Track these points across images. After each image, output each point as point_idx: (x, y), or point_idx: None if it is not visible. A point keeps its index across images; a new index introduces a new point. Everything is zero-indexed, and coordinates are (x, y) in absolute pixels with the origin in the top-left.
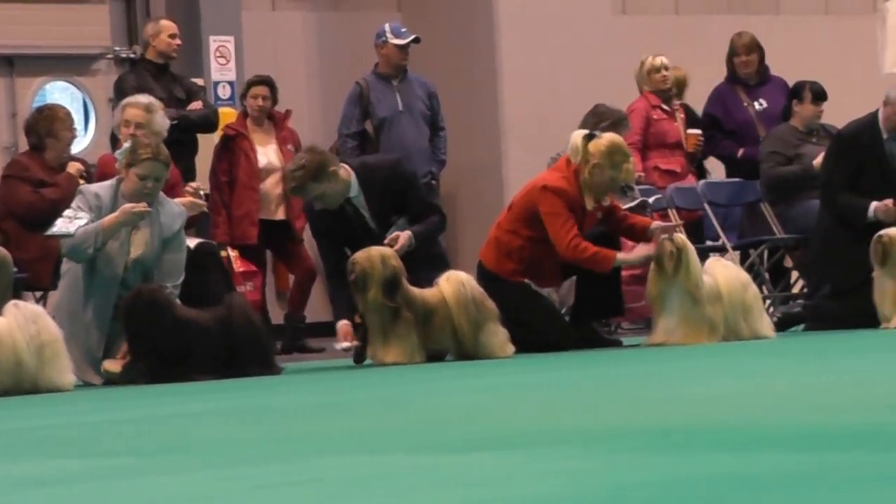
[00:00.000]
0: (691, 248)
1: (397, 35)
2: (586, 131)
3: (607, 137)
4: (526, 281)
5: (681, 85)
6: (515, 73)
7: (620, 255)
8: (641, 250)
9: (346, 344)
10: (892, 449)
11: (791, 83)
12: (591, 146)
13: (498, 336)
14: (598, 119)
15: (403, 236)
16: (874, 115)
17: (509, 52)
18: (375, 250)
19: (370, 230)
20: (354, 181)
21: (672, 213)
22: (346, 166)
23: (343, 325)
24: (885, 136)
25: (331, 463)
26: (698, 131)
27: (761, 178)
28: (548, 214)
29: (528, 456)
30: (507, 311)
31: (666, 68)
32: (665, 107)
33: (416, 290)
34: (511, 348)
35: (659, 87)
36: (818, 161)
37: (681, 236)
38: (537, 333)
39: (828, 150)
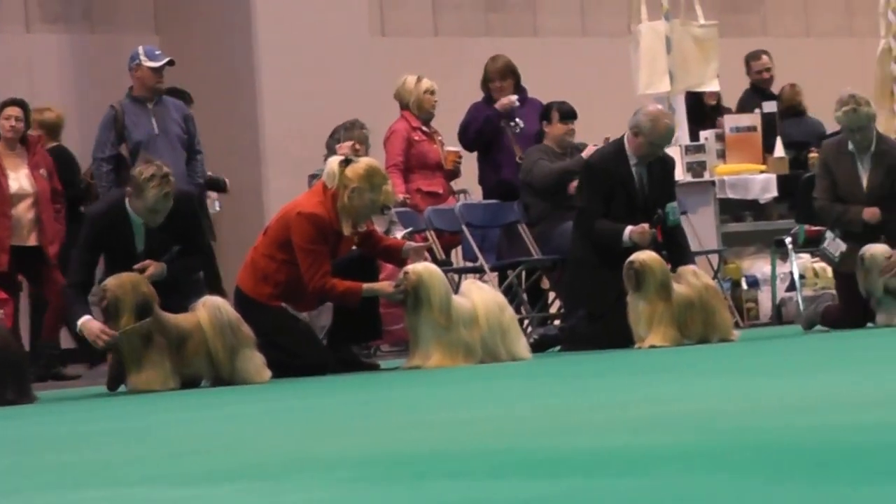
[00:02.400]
0: (430, 280)
1: (151, 58)
2: (342, 157)
3: (364, 161)
4: (283, 304)
5: (54, 127)
6: (275, 94)
7: (366, 287)
8: (385, 285)
9: (106, 336)
10: (639, 474)
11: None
12: (349, 171)
13: (254, 361)
14: (335, 133)
15: (156, 265)
16: (621, 141)
17: (268, 73)
18: (126, 276)
19: (154, 253)
20: None
21: (431, 234)
22: None
23: (87, 321)
24: (632, 161)
25: (70, 497)
26: (457, 149)
27: (529, 180)
28: (300, 248)
29: (272, 486)
30: (265, 335)
31: (435, 91)
32: (425, 128)
33: (169, 316)
34: (267, 373)
35: (429, 109)
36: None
37: (418, 270)
38: (295, 357)
39: (580, 180)
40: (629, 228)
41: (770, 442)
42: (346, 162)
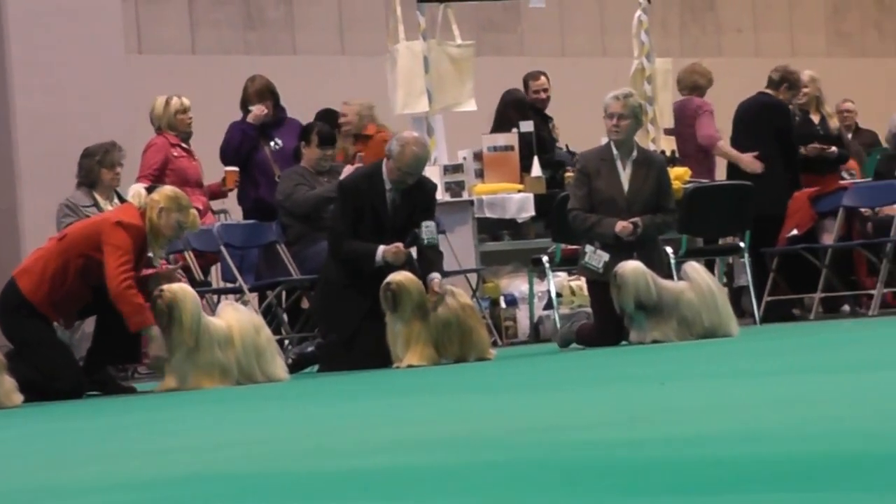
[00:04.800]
0: (184, 298)
1: None
2: (146, 184)
3: (169, 187)
4: (55, 322)
5: None
6: (29, 113)
7: (153, 332)
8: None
9: None
10: (386, 496)
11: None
12: (155, 194)
13: (3, 386)
14: (93, 153)
15: None
16: (379, 164)
17: (22, 92)
18: None
19: None
20: None
21: (189, 255)
22: None
23: None
24: (388, 186)
25: None
26: (236, 168)
27: (288, 204)
28: (110, 245)
29: None
30: (24, 344)
31: (187, 109)
32: (184, 146)
33: None
34: (19, 398)
35: (184, 128)
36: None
37: (173, 288)
38: (50, 379)
39: (335, 200)
40: (382, 248)
41: (520, 459)
42: (150, 188)
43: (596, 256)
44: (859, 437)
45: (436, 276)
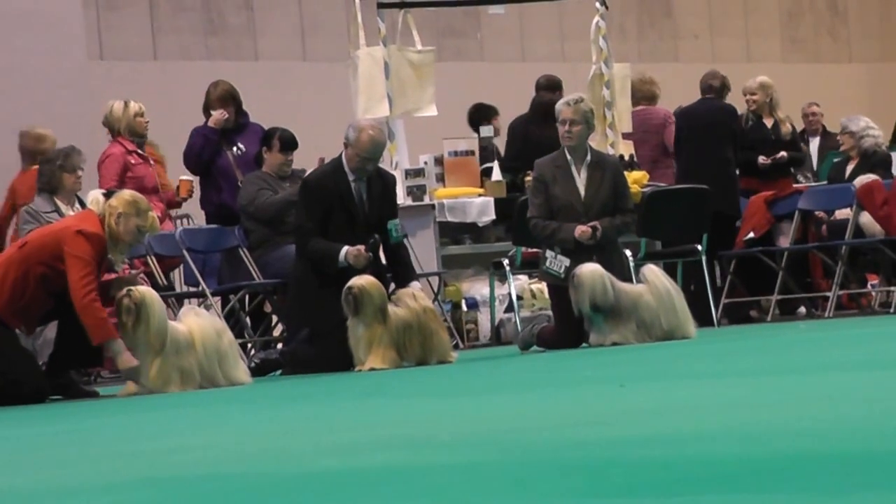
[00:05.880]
0: (152, 301)
1: None
2: (104, 189)
3: (128, 191)
4: (15, 329)
5: None
6: None
7: (118, 342)
8: (128, 357)
9: None
10: (345, 499)
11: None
12: (113, 199)
13: None
14: (55, 158)
15: None
16: (340, 158)
17: None
18: None
19: None
20: None
21: (151, 260)
22: None
23: None
24: (351, 177)
25: None
26: (190, 178)
27: (252, 209)
28: (73, 257)
29: None
30: None
31: (144, 113)
32: (140, 152)
33: None
34: None
35: (142, 131)
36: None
37: (141, 289)
38: (12, 385)
39: (298, 199)
40: (345, 249)
41: (480, 461)
42: (108, 194)
43: (557, 262)
44: (814, 437)
45: (416, 285)
